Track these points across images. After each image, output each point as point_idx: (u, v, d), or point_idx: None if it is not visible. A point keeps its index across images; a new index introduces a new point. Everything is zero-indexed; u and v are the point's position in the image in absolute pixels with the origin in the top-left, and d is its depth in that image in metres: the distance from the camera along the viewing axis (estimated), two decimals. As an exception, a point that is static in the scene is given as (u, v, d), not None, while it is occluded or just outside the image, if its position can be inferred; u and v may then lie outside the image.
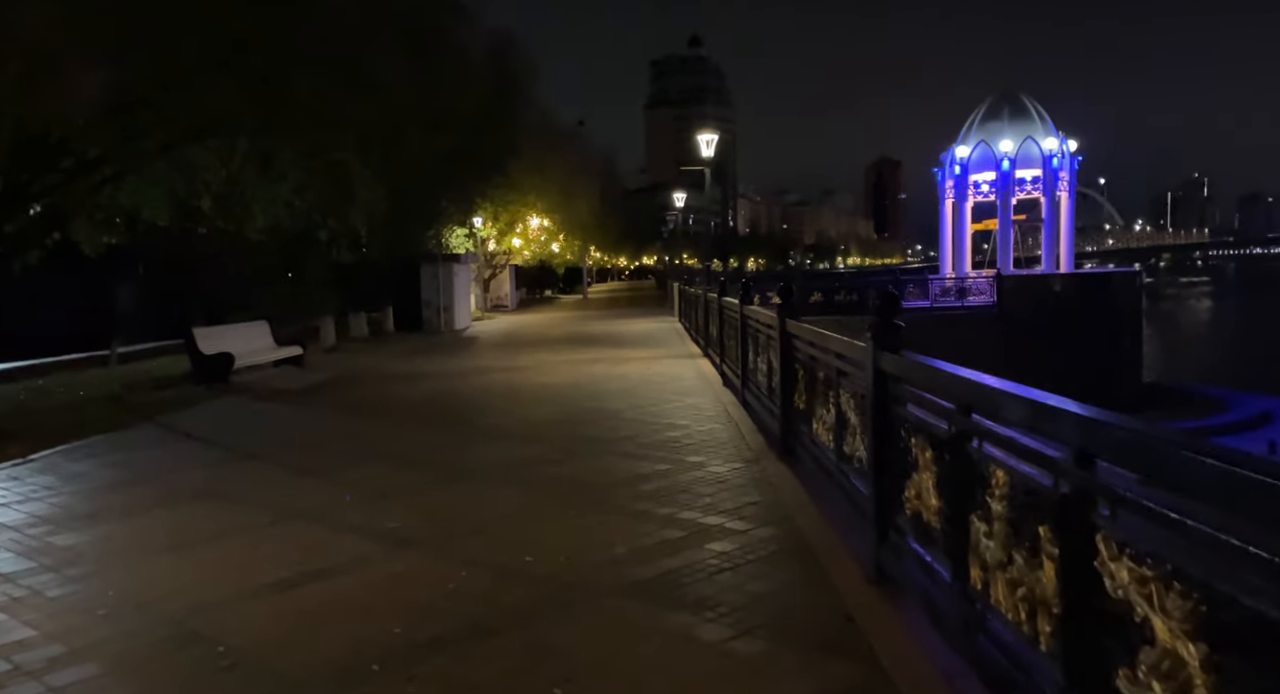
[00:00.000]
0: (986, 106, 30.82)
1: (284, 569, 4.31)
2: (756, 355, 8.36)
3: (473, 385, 12.14)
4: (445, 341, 21.62)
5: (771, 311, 7.06)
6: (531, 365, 14.41)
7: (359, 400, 11.07)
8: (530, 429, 8.28)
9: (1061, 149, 29.94)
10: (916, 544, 3.44)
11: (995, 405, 2.68)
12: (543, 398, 10.44)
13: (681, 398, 9.85)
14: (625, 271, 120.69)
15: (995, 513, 2.65)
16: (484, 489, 5.97)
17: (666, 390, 10.52)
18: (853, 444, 4.51)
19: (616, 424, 8.29)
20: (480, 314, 33.34)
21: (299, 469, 6.79)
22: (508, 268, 40.00)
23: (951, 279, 29.58)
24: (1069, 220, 30.87)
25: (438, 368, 14.85)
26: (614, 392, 10.60)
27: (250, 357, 14.17)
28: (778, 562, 4.18)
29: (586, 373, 12.82)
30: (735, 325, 10.10)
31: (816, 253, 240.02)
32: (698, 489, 5.67)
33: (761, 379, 7.98)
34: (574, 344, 18.93)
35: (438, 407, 10.16)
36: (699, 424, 8.13)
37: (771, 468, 6.21)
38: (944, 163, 31.87)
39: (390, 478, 6.38)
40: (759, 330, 8.04)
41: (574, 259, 55.29)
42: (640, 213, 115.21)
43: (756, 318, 8.16)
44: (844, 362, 4.72)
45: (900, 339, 3.79)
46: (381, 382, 13.22)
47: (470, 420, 9.04)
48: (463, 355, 17.25)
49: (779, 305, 6.54)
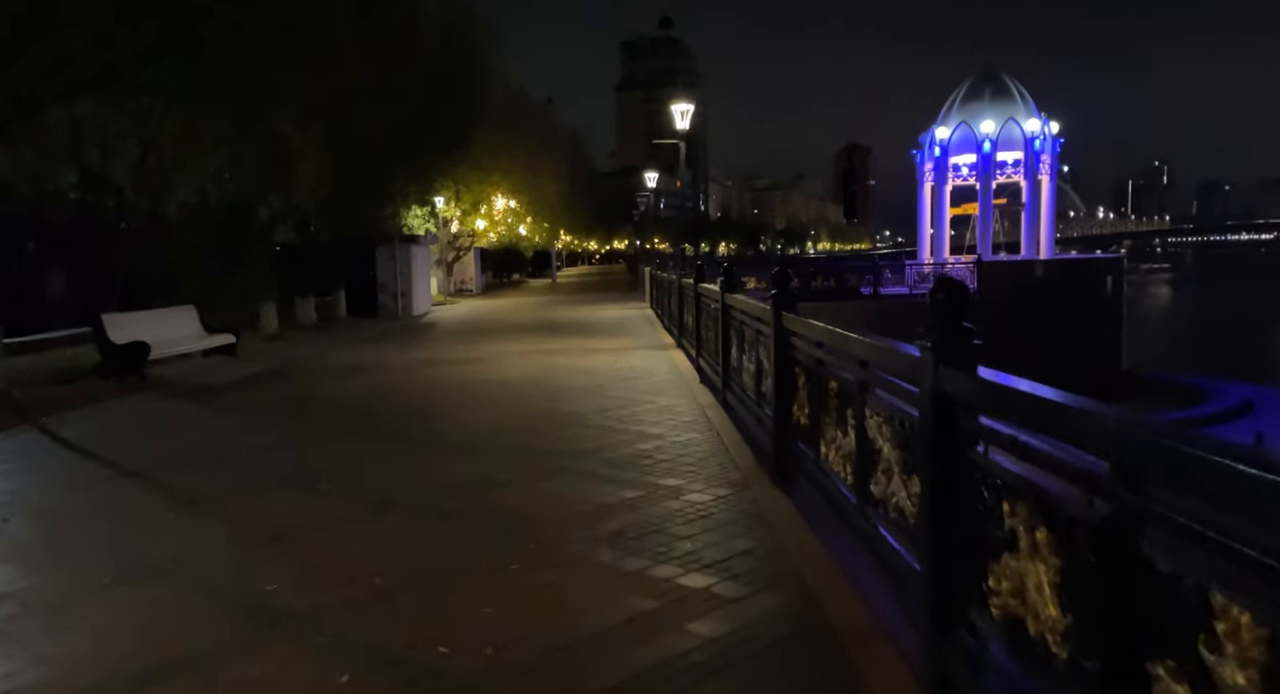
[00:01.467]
0: (968, 86, 29.76)
1: (98, 668, 3.05)
2: (741, 352, 7.19)
3: (420, 381, 10.85)
4: (400, 328, 20.20)
5: (762, 302, 5.88)
6: (489, 357, 13.12)
7: (286, 399, 9.73)
8: (476, 439, 7.04)
9: (1044, 131, 29.04)
10: (1014, 663, 2.29)
11: (1203, 475, 1.49)
12: (497, 397, 9.19)
13: (654, 398, 8.66)
14: (596, 256, 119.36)
15: (1217, 670, 1.48)
16: (405, 528, 4.73)
17: (637, 388, 9.33)
18: (888, 486, 3.35)
19: (578, 432, 7.08)
20: (442, 298, 31.85)
21: (182, 497, 5.49)
22: (472, 250, 38.44)
23: (930, 265, 28.73)
24: (1050, 205, 30.05)
25: (385, 359, 13.50)
26: (578, 390, 9.38)
27: (173, 346, 12.71)
28: (789, 657, 3.01)
29: (549, 366, 11.59)
30: (715, 316, 8.92)
31: (787, 238, 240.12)
32: (674, 528, 4.49)
33: (748, 380, 6.81)
34: (538, 332, 17.65)
35: (374, 408, 8.86)
36: (675, 432, 6.95)
37: (765, 496, 5.05)
38: (923, 144, 30.84)
39: (291, 510, 5.11)
40: (745, 323, 6.86)
41: (543, 242, 53.72)
42: (611, 196, 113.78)
43: (742, 309, 6.98)
44: (873, 372, 3.55)
45: (975, 352, 2.62)
46: (319, 375, 11.85)
47: (408, 427, 7.77)
48: (416, 344, 15.89)
49: (774, 296, 5.35)
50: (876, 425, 3.49)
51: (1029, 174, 29.03)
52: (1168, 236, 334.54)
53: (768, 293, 5.57)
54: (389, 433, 7.53)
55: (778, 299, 5.32)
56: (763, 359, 6.15)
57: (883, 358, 3.33)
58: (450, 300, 32.10)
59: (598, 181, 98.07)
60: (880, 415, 3.43)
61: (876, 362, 3.44)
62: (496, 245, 42.51)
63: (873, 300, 25.58)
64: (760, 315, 6.08)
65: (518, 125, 35.72)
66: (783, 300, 5.31)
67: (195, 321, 13.84)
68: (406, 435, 7.37)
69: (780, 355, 5.32)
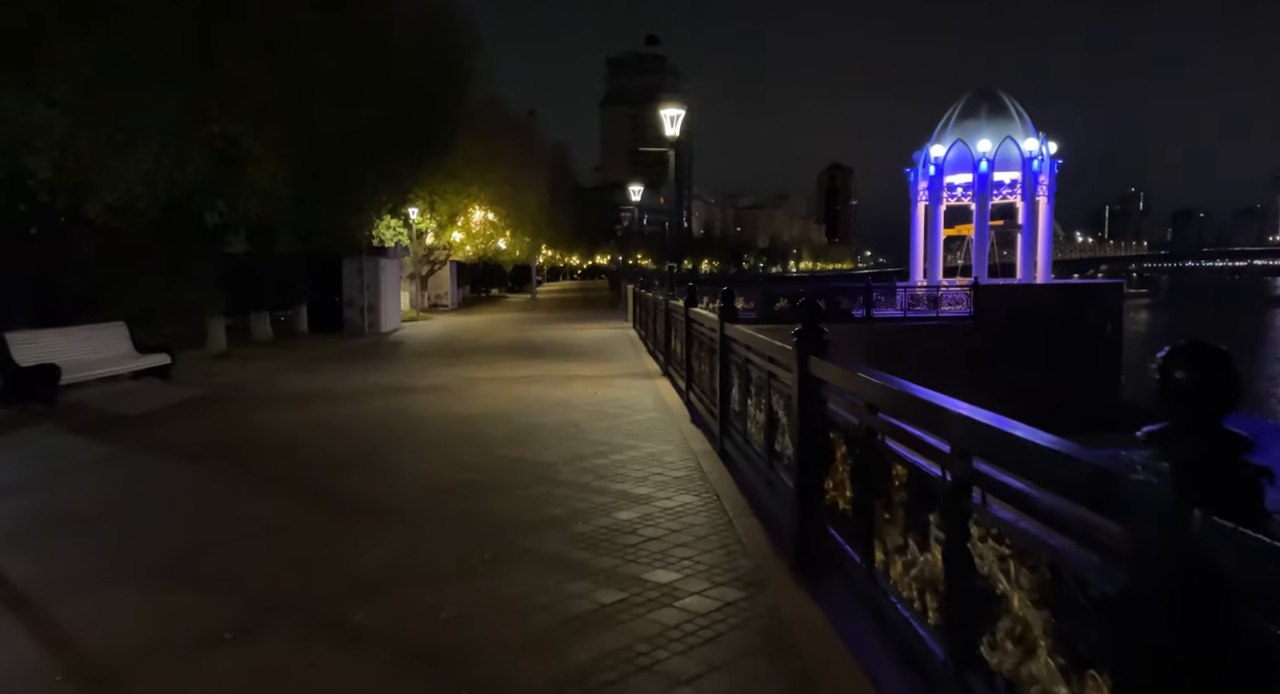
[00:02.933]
0: (963, 104, 28.83)
1: None
2: (746, 396, 5.91)
3: (369, 415, 9.48)
4: (363, 347, 18.78)
5: (781, 342, 4.62)
6: (454, 385, 11.78)
7: (204, 437, 8.32)
8: (420, 502, 5.70)
9: (1042, 151, 28.16)
10: None
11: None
12: (455, 438, 7.85)
13: (638, 442, 7.37)
14: (578, 271, 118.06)
15: None
16: (281, 657, 3.37)
17: (619, 429, 8.03)
18: (1023, 660, 2.07)
19: (546, 492, 5.77)
20: (415, 314, 30.42)
21: (8, 595, 4.10)
22: (448, 264, 37.05)
23: (923, 287, 27.72)
24: (1047, 227, 29.12)
25: (337, 385, 12.11)
26: (550, 430, 8.07)
27: (95, 368, 11.27)
28: None
29: (520, 398, 10.26)
30: (710, 347, 7.67)
31: (769, 256, 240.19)
32: (668, 663, 3.19)
33: (755, 431, 5.54)
34: (511, 354, 16.32)
35: (305, 452, 7.48)
36: (664, 493, 5.66)
37: (788, 604, 3.76)
38: (917, 163, 29.88)
39: (128, 620, 3.74)
40: (752, 363, 5.60)
41: (523, 256, 52.40)
42: (594, 211, 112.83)
43: (748, 345, 5.71)
44: (986, 472, 2.28)
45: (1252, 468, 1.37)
46: (256, 404, 10.45)
47: (339, 482, 6.41)
48: (375, 367, 14.49)
49: (799, 333, 4.09)
50: (996, 558, 2.22)
51: (1026, 195, 28.07)
52: (1144, 262, 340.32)
53: (776, 326, 4.31)
54: (312, 489, 6.17)
55: (804, 340, 4.05)
56: (778, 410, 4.88)
57: (1037, 462, 2.02)
58: (423, 316, 30.68)
59: (581, 197, 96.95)
60: (1007, 546, 2.16)
61: (1012, 461, 2.16)
62: (472, 259, 41.13)
63: (865, 324, 24.48)
64: (776, 356, 4.82)
65: (498, 135, 34.46)
66: (811, 342, 4.04)
67: (125, 340, 12.38)
68: (333, 494, 6.01)
69: (808, 412, 4.05)
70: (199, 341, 15.89)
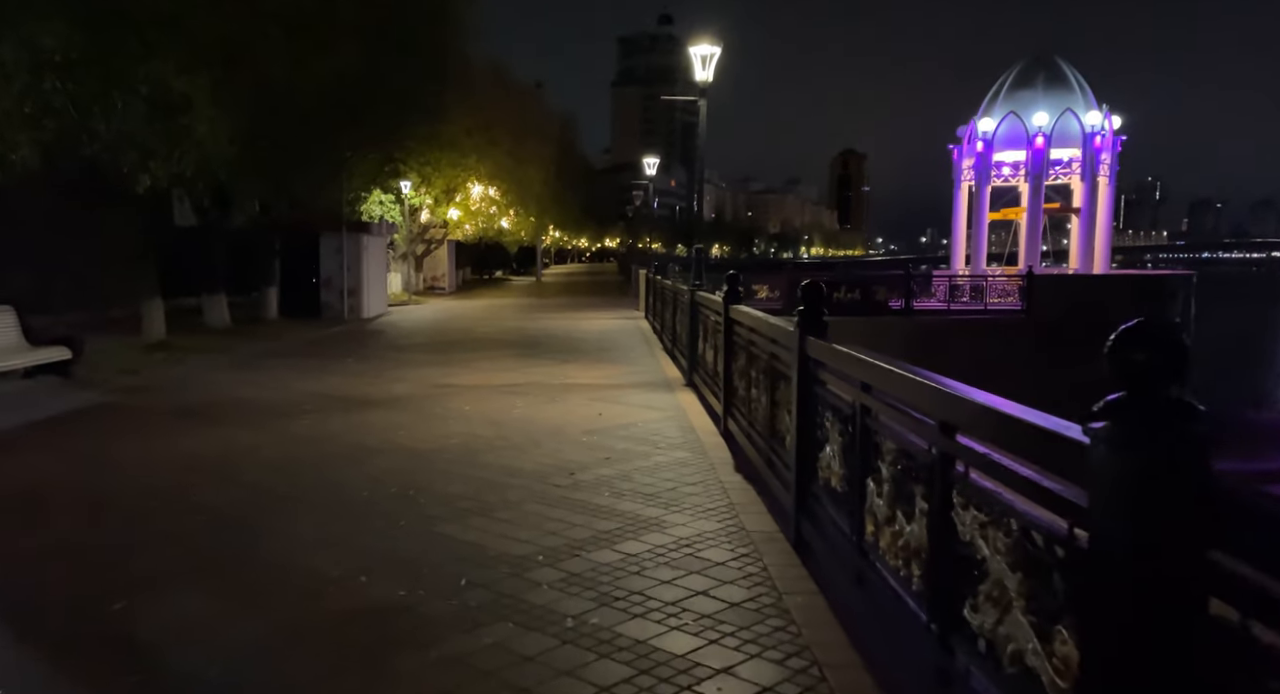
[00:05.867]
0: (1017, 71, 25.74)
1: None
2: (863, 473, 3.31)
3: (284, 446, 6.92)
4: (334, 337, 16.27)
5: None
6: (419, 396, 9.24)
7: (63, 475, 5.79)
8: (260, 666, 3.17)
9: (1105, 125, 25.21)
10: None
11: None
12: (379, 502, 5.32)
13: (662, 514, 4.82)
14: (586, 253, 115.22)
15: None
16: None
17: (631, 480, 5.48)
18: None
19: (498, 650, 3.22)
20: (406, 297, 27.89)
21: None
22: (446, 244, 34.45)
23: (965, 276, 25.01)
24: (1108, 211, 26.17)
25: (272, 392, 9.58)
26: (528, 481, 5.52)
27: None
28: None
29: (497, 420, 7.72)
30: (768, 367, 5.10)
31: (780, 242, 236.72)
32: None
33: (889, 541, 2.97)
34: (502, 350, 13.78)
35: (149, 524, 4.90)
36: (719, 654, 3.11)
37: None
38: (961, 139, 26.94)
39: None
40: (883, 437, 2.99)
41: (528, 237, 49.70)
42: (604, 193, 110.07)
43: (876, 396, 3.10)
44: None
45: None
46: (150, 421, 7.93)
47: (150, 598, 3.85)
48: (335, 366, 11.96)
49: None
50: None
51: (1087, 174, 25.09)
52: (1159, 253, 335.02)
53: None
54: (163, 578, 3.62)
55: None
56: (919, 500, 2.33)
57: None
58: (416, 300, 28.15)
59: (591, 178, 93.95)
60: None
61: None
62: (471, 238, 38.51)
63: (904, 317, 21.84)
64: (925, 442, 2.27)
65: (499, 104, 31.73)
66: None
67: (12, 328, 9.90)
68: (111, 636, 3.46)
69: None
70: (132, 329, 13.41)
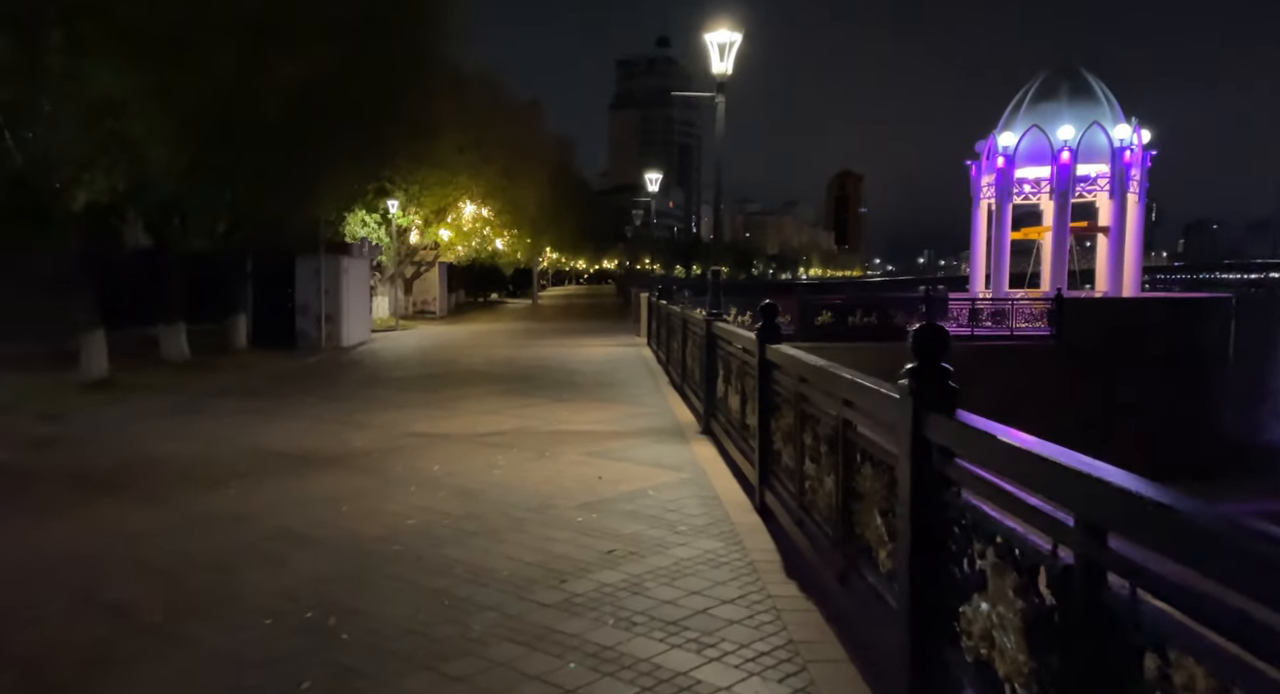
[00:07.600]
0: (1039, 83, 24.40)
1: None
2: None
3: (204, 528, 5.30)
4: (303, 371, 14.67)
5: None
6: (380, 451, 7.62)
7: None
8: None
9: (1135, 140, 23.83)
10: None
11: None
12: (292, 633, 3.69)
13: (694, 654, 3.18)
14: (584, 275, 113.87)
15: None
16: None
17: (644, 592, 3.85)
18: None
19: None
20: (394, 322, 26.32)
21: None
22: (436, 265, 32.94)
23: (987, 299, 23.48)
24: (1138, 230, 24.74)
25: (206, 447, 7.94)
26: (503, 589, 3.89)
27: None
28: None
29: (469, 490, 6.09)
30: (832, 436, 3.51)
31: (779, 263, 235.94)
32: None
33: None
34: (489, 386, 12.18)
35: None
36: None
37: None
38: (980, 154, 25.56)
39: None
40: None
41: (524, 259, 48.24)
42: (602, 215, 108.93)
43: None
44: None
45: None
46: (41, 492, 6.30)
47: None
48: (293, 409, 10.34)
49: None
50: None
51: (1115, 191, 23.66)
52: (1156, 274, 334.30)
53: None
54: None
55: None
56: None
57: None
58: (404, 325, 26.59)
59: (588, 199, 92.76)
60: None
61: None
62: (463, 260, 37.00)
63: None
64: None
65: (492, 121, 30.36)
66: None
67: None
68: None
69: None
70: (70, 363, 11.81)
